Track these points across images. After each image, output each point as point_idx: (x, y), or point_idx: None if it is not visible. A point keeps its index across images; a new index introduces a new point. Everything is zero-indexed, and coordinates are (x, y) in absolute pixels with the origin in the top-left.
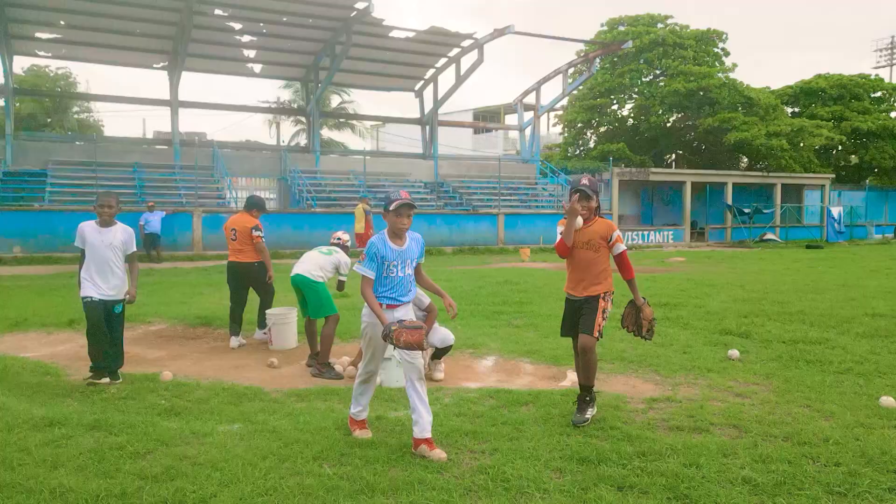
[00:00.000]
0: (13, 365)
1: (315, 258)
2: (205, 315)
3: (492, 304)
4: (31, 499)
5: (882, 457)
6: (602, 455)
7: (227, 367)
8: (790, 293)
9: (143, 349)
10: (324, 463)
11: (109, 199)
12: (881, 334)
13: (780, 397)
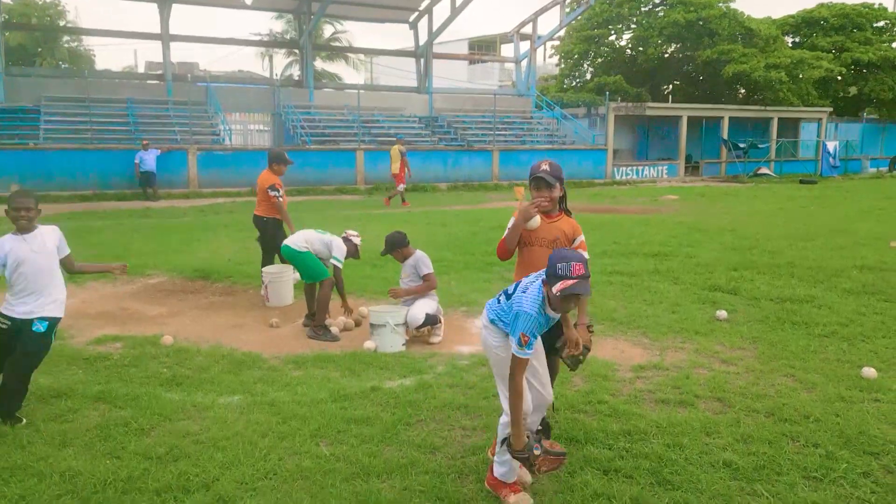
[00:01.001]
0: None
1: (306, 234)
2: (203, 267)
3: (485, 253)
4: (41, 483)
5: (859, 437)
6: (589, 434)
7: (226, 327)
8: (780, 240)
9: (142, 305)
10: (321, 441)
11: (26, 201)
12: (868, 291)
13: (764, 365)
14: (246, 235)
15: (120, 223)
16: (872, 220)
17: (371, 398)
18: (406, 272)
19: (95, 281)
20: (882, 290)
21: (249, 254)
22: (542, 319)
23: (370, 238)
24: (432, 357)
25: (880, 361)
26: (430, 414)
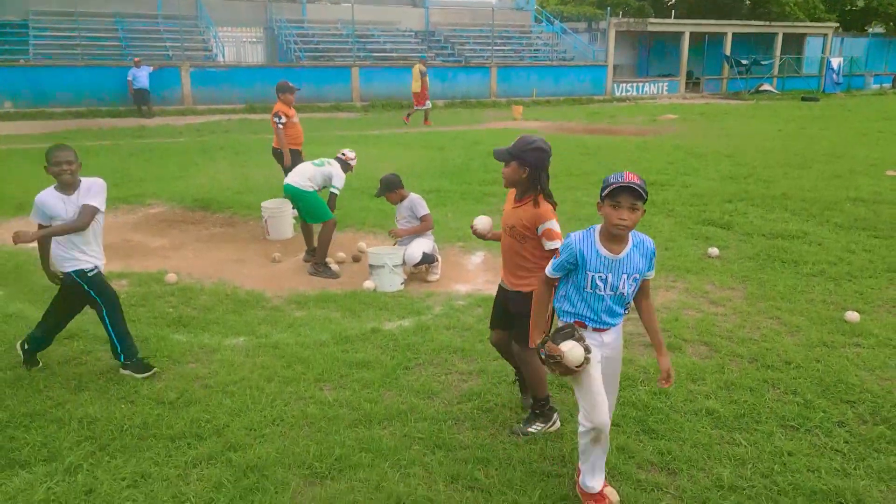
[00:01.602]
0: (26, 263)
1: (305, 169)
2: (202, 197)
3: (482, 183)
4: (61, 430)
5: (837, 385)
6: None
7: (228, 262)
8: (777, 168)
9: (145, 237)
10: (324, 386)
11: (66, 154)
12: (859, 226)
13: (751, 306)
14: (244, 159)
15: (116, 144)
16: (871, 145)
17: (371, 340)
18: (402, 213)
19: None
20: (873, 225)
21: (248, 181)
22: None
23: (367, 161)
24: (430, 297)
25: (864, 303)
26: (428, 357)
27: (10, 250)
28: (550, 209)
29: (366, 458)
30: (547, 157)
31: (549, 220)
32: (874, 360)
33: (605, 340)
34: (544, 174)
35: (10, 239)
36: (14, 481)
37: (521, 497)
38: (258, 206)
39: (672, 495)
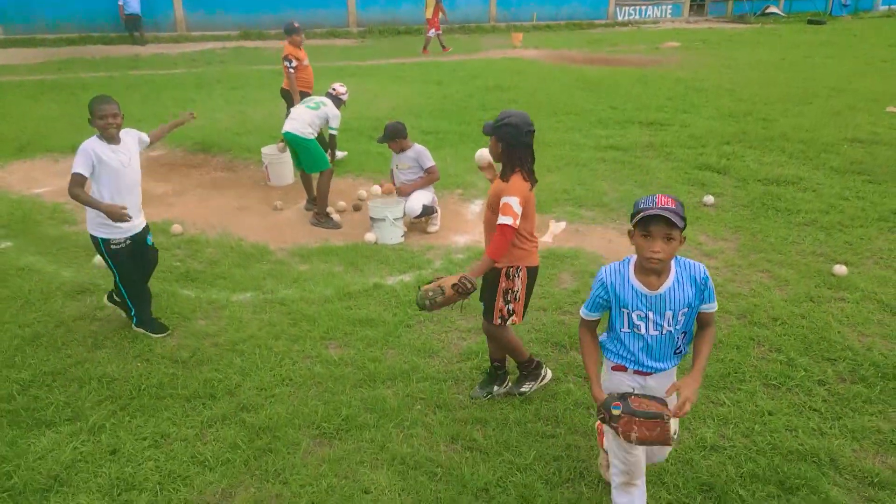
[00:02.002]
0: (32, 212)
1: (303, 114)
2: (202, 140)
3: (481, 122)
4: (82, 389)
5: (820, 343)
6: (573, 339)
7: (231, 210)
8: (777, 104)
9: (148, 183)
10: (329, 344)
11: (111, 107)
12: (855, 170)
13: (743, 258)
14: (241, 95)
15: (111, 77)
16: (874, 76)
17: (374, 296)
18: (405, 163)
19: None
20: (869, 169)
21: (247, 122)
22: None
23: (365, 98)
24: (429, 250)
25: (853, 254)
26: (429, 315)
27: (16, 198)
28: (518, 186)
29: (371, 418)
30: (521, 133)
31: (510, 196)
32: (857, 316)
33: (649, 384)
34: (522, 150)
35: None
36: (42, 441)
37: (516, 458)
38: (258, 150)
39: None
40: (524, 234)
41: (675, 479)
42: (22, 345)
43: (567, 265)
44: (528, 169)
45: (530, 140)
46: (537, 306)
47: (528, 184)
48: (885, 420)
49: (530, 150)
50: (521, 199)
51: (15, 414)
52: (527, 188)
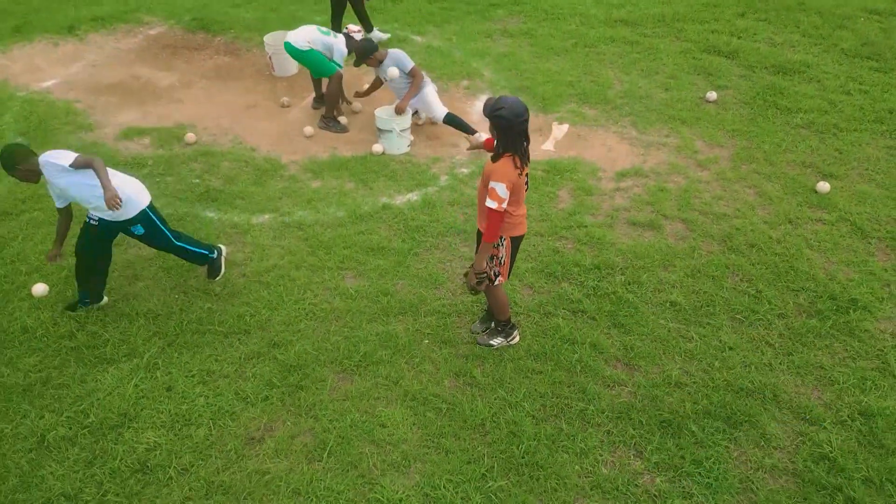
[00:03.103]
0: (48, 117)
1: (308, 31)
2: (200, 16)
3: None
4: (132, 325)
5: (788, 273)
6: (566, 269)
7: (240, 108)
8: None
9: (151, 70)
10: (345, 275)
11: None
12: (864, 53)
13: (734, 170)
14: None
15: None
16: None
17: (383, 219)
18: (390, 73)
19: (97, 34)
20: (879, 52)
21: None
22: None
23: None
24: (435, 163)
25: (841, 163)
26: (435, 241)
27: (26, 95)
28: (506, 172)
29: (385, 354)
30: (513, 124)
31: (497, 181)
32: (828, 240)
33: None
34: (514, 136)
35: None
36: (107, 378)
37: (509, 395)
38: (259, 29)
39: (629, 391)
40: (510, 209)
41: (640, 416)
42: (70, 276)
43: (566, 180)
44: (520, 153)
45: (523, 128)
46: (535, 231)
47: (516, 170)
48: (829, 355)
49: (523, 136)
50: (507, 185)
51: (79, 351)
52: (515, 174)
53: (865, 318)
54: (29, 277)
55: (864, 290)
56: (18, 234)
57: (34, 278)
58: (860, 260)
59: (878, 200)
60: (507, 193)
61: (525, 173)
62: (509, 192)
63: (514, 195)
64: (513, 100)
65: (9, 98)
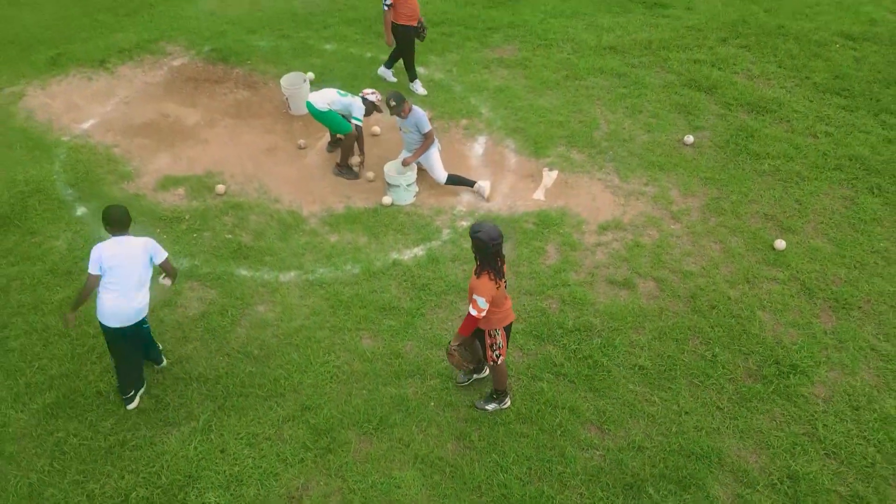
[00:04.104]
0: (92, 165)
1: (328, 94)
2: (218, 47)
3: (486, 19)
4: (188, 389)
5: (741, 337)
6: (551, 331)
7: (261, 152)
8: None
9: (178, 107)
10: (362, 335)
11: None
12: (835, 88)
13: (704, 223)
14: None
15: None
16: None
17: (393, 275)
18: (408, 127)
19: (126, 66)
20: (849, 85)
21: (256, 11)
22: None
23: None
24: (438, 216)
25: (799, 216)
26: (438, 300)
27: (69, 141)
28: (486, 287)
29: (398, 417)
30: (488, 245)
31: (479, 295)
32: (779, 301)
33: None
34: (489, 256)
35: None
36: (171, 440)
37: (501, 459)
38: (272, 59)
39: (600, 454)
40: (494, 308)
41: (608, 479)
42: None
43: (553, 234)
44: (494, 270)
45: (497, 250)
46: (525, 289)
47: (493, 283)
48: (769, 419)
49: (497, 256)
50: (487, 298)
51: (146, 414)
52: (493, 288)
53: (803, 384)
54: (97, 340)
55: (804, 354)
56: None
57: (101, 341)
58: (805, 322)
59: (828, 258)
60: (488, 304)
61: (502, 284)
62: (489, 303)
63: (495, 302)
64: (489, 226)
65: (55, 144)
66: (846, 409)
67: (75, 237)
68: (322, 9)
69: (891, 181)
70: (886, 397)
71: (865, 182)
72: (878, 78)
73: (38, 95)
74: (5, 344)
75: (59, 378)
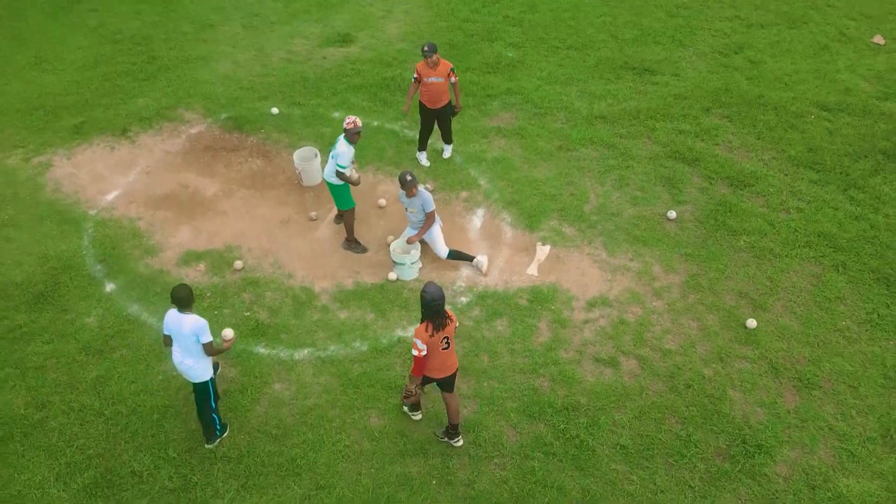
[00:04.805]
0: (119, 240)
1: (329, 165)
2: (233, 115)
3: (483, 69)
4: (213, 468)
5: (713, 416)
6: (542, 410)
7: (275, 224)
8: (770, 28)
9: (197, 177)
10: (371, 414)
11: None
12: (808, 162)
13: (684, 300)
14: (259, 24)
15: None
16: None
17: (398, 353)
18: (414, 207)
19: (146, 134)
20: (821, 159)
21: (267, 74)
22: None
23: (373, 23)
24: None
25: (769, 293)
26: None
27: (96, 215)
28: (420, 333)
29: (404, 495)
30: (430, 304)
31: (415, 337)
32: (749, 380)
33: None
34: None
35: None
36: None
37: None
38: (285, 127)
39: None
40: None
41: None
42: (160, 419)
43: (546, 310)
44: (434, 324)
45: (437, 308)
46: (519, 368)
47: (427, 333)
48: (735, 498)
49: (436, 313)
50: (421, 340)
51: (177, 494)
52: (427, 336)
53: (766, 463)
54: (129, 419)
55: (769, 434)
56: (114, 374)
57: (133, 420)
58: (771, 401)
59: (794, 336)
60: (424, 346)
61: (441, 337)
62: (425, 345)
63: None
64: (434, 288)
65: (83, 218)
66: (804, 488)
67: (105, 314)
68: (332, 74)
69: (854, 259)
70: (841, 476)
71: (832, 259)
72: (849, 151)
73: (64, 166)
74: (45, 423)
75: (96, 457)
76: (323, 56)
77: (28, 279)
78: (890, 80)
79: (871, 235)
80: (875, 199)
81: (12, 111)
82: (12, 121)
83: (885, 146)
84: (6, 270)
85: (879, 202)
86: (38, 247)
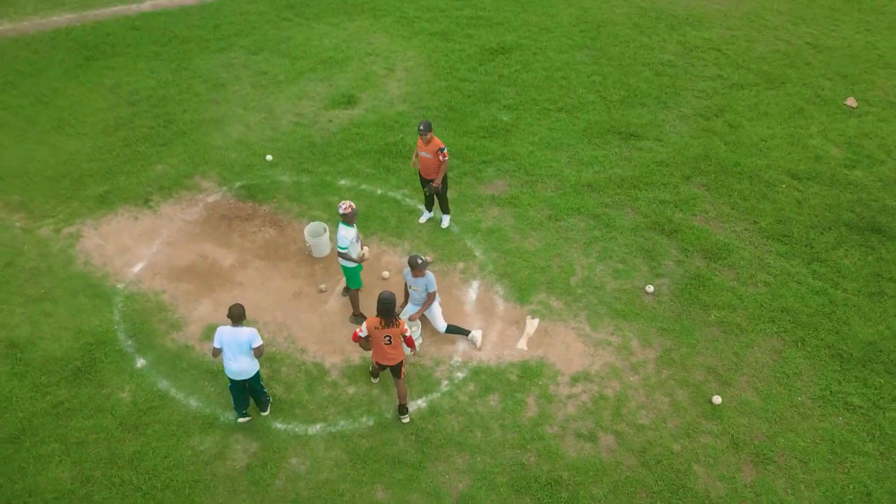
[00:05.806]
0: (146, 315)
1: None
2: (247, 183)
3: (482, 133)
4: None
5: (679, 491)
6: (528, 484)
7: (288, 297)
8: (750, 89)
9: (214, 248)
10: (377, 488)
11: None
12: (777, 234)
13: (657, 374)
14: (266, 83)
15: (137, 62)
16: (861, 31)
17: (401, 427)
18: (418, 286)
19: (167, 203)
20: (790, 230)
21: (277, 139)
22: None
23: (375, 72)
24: (437, 367)
25: (735, 369)
26: (437, 452)
27: (124, 289)
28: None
29: None
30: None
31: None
32: (712, 455)
33: None
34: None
35: (115, 260)
36: None
37: None
38: (296, 196)
39: None
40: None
41: None
42: (191, 493)
43: (533, 385)
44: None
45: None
46: (510, 443)
47: (374, 325)
48: None
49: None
50: (367, 326)
51: None
52: (374, 325)
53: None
54: (164, 493)
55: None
56: (148, 449)
57: (168, 494)
58: (730, 475)
59: (755, 412)
60: (366, 331)
61: (384, 334)
62: (367, 331)
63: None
64: (388, 294)
65: (112, 292)
66: None
67: (137, 390)
68: (338, 139)
69: (813, 334)
70: None
71: (793, 334)
72: (815, 223)
73: (92, 237)
74: (90, 498)
75: None
76: (329, 119)
77: (66, 354)
78: (858, 146)
79: (829, 311)
80: (836, 272)
81: (42, 178)
82: (42, 189)
83: (848, 217)
84: (46, 345)
85: (840, 276)
86: (73, 321)
